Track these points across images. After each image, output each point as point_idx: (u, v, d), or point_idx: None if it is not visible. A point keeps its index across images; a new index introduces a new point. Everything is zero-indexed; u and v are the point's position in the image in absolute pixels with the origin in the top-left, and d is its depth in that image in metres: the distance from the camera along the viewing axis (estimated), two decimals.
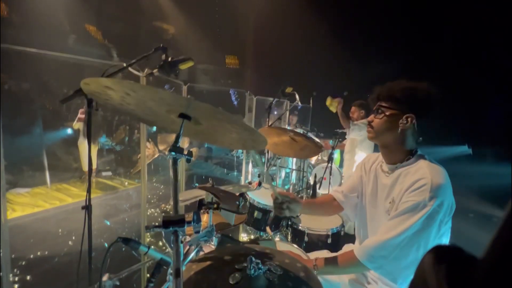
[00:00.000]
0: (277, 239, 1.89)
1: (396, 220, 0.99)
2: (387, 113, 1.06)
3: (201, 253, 1.11)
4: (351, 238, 1.52)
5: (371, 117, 1.12)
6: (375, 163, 1.22)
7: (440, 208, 0.94)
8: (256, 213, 1.80)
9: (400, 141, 1.06)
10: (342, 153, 3.99)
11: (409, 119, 1.02)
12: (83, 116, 4.97)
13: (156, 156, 4.90)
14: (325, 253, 1.45)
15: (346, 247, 1.41)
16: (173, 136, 0.81)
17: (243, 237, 2.77)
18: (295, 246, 1.69)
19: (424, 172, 0.98)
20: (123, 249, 0.84)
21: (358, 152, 3.32)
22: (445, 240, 1.04)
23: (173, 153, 0.76)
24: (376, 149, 2.64)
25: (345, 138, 3.46)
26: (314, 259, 1.15)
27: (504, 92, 6.05)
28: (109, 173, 5.78)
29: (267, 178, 1.93)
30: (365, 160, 1.30)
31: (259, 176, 2.37)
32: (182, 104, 0.78)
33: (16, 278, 2.29)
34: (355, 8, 6.63)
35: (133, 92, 0.73)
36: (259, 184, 1.99)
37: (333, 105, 3.27)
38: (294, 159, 4.33)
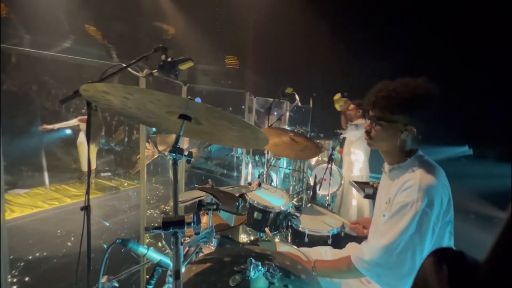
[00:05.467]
0: (277, 240, 1.88)
1: (387, 224, 0.97)
2: (385, 125, 1.02)
3: (201, 254, 1.11)
4: (351, 239, 1.51)
5: (367, 124, 1.07)
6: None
7: (430, 208, 0.90)
8: (256, 214, 1.79)
9: (399, 146, 1.04)
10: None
11: (409, 131, 0.99)
12: (84, 117, 4.98)
13: (155, 157, 4.89)
14: (328, 249, 1.44)
15: (350, 246, 1.40)
16: (172, 137, 0.80)
17: (243, 238, 2.77)
18: (295, 247, 1.68)
19: (414, 172, 0.96)
20: (122, 250, 0.84)
21: (354, 150, 3.33)
22: (448, 245, 1.00)
23: (173, 154, 0.76)
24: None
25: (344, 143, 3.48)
26: (313, 261, 1.15)
27: (504, 92, 6.05)
28: (109, 174, 5.78)
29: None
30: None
31: (258, 177, 2.36)
32: (180, 105, 0.77)
33: (15, 279, 2.27)
34: (355, 8, 6.64)
35: (130, 96, 0.72)
36: (259, 185, 1.98)
37: (339, 102, 3.28)
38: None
